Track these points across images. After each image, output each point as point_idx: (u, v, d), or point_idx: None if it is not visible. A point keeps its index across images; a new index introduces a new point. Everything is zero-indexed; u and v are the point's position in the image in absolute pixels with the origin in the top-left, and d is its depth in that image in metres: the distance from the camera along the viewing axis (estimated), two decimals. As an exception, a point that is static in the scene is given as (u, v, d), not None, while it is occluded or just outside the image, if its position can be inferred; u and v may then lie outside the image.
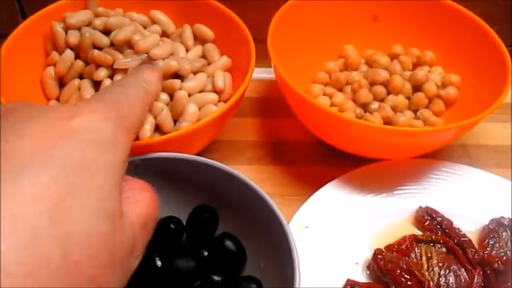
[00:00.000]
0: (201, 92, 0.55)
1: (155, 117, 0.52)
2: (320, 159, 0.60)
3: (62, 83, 0.57)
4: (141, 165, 0.46)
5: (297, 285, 0.39)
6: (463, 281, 0.48)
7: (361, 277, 0.50)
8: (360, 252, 0.51)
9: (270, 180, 0.58)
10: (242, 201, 0.46)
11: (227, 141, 0.61)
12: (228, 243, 0.46)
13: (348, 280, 0.49)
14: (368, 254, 0.51)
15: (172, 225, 0.46)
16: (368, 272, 0.50)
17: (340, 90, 0.62)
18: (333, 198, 0.54)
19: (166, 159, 0.46)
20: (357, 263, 0.51)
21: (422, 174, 0.57)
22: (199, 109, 0.54)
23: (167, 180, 0.47)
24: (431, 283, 0.47)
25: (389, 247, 0.50)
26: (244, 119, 0.64)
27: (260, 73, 0.67)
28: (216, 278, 0.45)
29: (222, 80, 0.56)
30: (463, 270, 0.48)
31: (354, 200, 0.54)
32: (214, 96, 0.55)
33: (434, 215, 0.53)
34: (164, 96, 0.53)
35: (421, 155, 0.57)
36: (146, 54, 0.53)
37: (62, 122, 0.21)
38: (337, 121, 0.51)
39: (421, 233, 0.52)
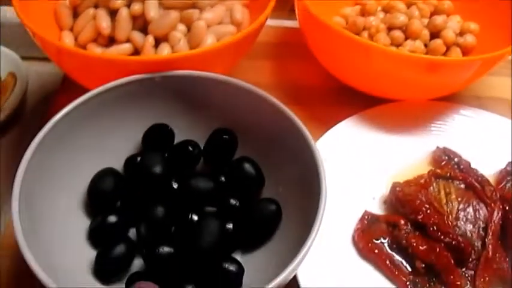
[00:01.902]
0: (219, 24, 0.54)
1: (172, 47, 0.51)
2: (336, 101, 0.59)
3: (76, 13, 0.55)
4: (161, 83, 0.45)
5: (322, 208, 0.38)
6: (482, 215, 0.47)
7: (378, 211, 0.49)
8: (376, 187, 0.51)
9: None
10: (264, 124, 0.45)
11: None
12: (247, 167, 0.45)
13: (366, 211, 0.48)
14: (385, 190, 0.50)
15: (190, 148, 0.45)
16: (385, 207, 0.50)
17: (357, 34, 0.61)
18: (350, 134, 0.53)
19: (187, 77, 0.45)
20: (373, 198, 0.50)
21: (440, 117, 0.56)
22: (217, 41, 0.53)
23: (186, 101, 0.47)
24: (450, 216, 0.47)
25: (407, 182, 0.50)
26: (260, 61, 0.63)
27: (277, 23, 0.67)
28: (233, 201, 0.45)
29: (240, 12, 0.55)
30: (482, 205, 0.48)
31: (371, 137, 0.54)
32: (232, 28, 0.54)
33: (452, 156, 0.53)
34: (182, 27, 0.52)
35: (437, 98, 0.57)
36: (165, -17, 0.52)
37: None
38: (356, 47, 0.51)
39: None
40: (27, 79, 0.57)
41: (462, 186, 0.50)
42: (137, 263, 0.41)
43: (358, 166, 0.52)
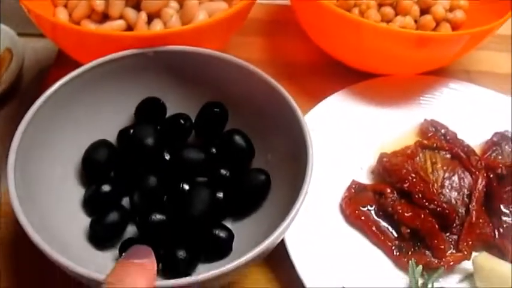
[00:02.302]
0: (210, 0, 0.55)
1: (165, 23, 0.52)
2: (327, 76, 0.60)
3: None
4: (154, 58, 0.46)
5: (309, 173, 0.39)
6: (467, 183, 0.48)
7: (365, 181, 0.50)
8: (364, 158, 0.52)
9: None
10: (254, 98, 0.46)
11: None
12: (237, 139, 0.46)
13: (353, 181, 0.49)
14: (372, 161, 0.51)
15: (181, 121, 0.46)
16: (372, 176, 0.51)
17: (348, 11, 0.62)
18: (339, 106, 0.54)
19: (179, 52, 0.46)
20: (361, 168, 0.52)
21: (429, 90, 0.57)
22: (209, 17, 0.54)
23: (178, 75, 0.48)
24: (435, 184, 0.48)
25: (394, 153, 0.51)
26: (252, 38, 0.65)
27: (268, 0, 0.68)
28: (224, 171, 0.46)
29: (232, -11, 0.56)
30: (467, 173, 0.49)
31: (361, 110, 0.55)
32: (223, 5, 0.55)
33: (438, 127, 0.54)
34: (174, 4, 0.53)
35: (427, 72, 0.58)
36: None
37: None
38: (347, 23, 0.52)
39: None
40: (23, 55, 0.58)
41: (448, 156, 0.51)
42: (130, 230, 0.43)
43: (347, 138, 0.53)
